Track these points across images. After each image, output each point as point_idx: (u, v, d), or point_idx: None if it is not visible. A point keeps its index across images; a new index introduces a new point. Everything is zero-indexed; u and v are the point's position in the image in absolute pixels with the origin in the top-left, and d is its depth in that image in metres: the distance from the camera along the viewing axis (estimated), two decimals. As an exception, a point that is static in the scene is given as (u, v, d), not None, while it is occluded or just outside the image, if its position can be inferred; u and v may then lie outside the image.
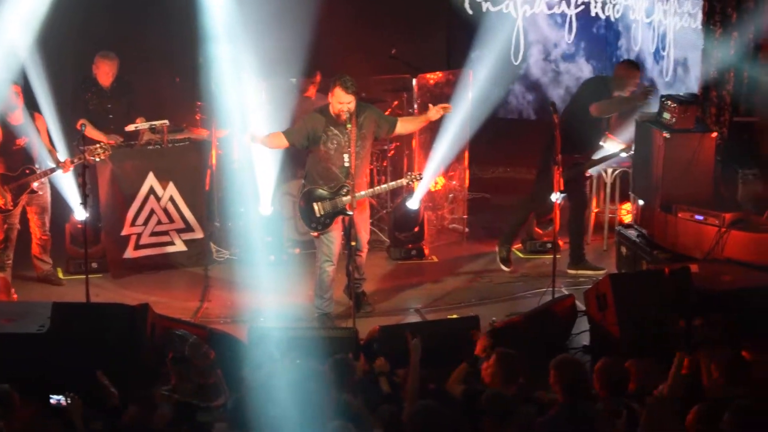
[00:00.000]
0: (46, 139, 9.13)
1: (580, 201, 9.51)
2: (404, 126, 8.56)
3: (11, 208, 8.93)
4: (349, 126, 8.01)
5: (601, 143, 9.54)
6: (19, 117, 8.90)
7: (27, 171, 8.95)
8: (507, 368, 6.01)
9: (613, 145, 9.57)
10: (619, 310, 7.41)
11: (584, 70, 12.03)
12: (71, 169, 8.96)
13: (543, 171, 9.39)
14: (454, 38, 12.31)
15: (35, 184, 8.99)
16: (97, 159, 8.88)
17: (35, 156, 9.03)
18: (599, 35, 12.05)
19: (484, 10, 11.90)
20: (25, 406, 5.67)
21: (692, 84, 10.60)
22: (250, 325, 7.60)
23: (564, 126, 8.54)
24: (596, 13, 11.96)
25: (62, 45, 10.20)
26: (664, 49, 11.43)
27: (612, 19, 11.98)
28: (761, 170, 9.21)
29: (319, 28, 10.58)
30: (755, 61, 9.69)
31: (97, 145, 8.88)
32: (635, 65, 9.62)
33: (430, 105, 8.44)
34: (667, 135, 8.83)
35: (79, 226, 9.03)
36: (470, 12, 11.92)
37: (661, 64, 11.49)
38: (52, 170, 8.94)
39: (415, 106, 10.43)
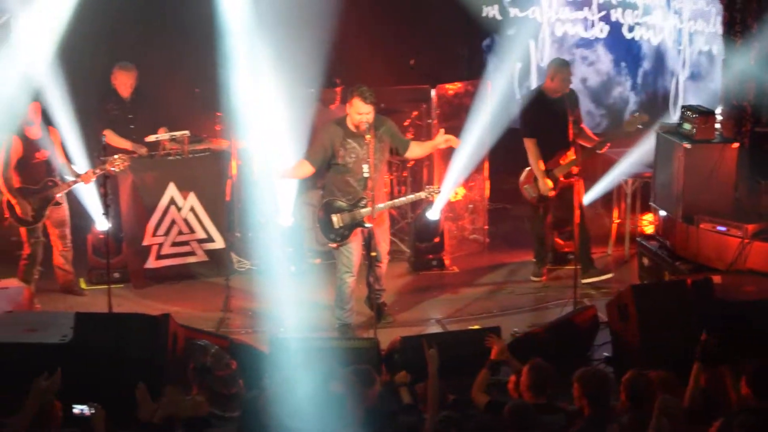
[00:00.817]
0: (61, 153, 9.14)
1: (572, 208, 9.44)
2: (413, 151, 8.58)
3: (32, 220, 8.96)
4: (368, 137, 8.02)
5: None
6: (37, 132, 8.94)
7: (50, 183, 8.99)
8: (538, 380, 5.97)
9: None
10: (640, 321, 7.38)
11: (603, 59, 11.88)
12: (93, 180, 8.99)
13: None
14: (473, 48, 12.28)
15: (58, 196, 9.03)
16: (117, 169, 8.90)
17: (55, 168, 9.07)
18: (618, 24, 11.86)
19: (511, 15, 11.83)
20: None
21: (717, 75, 10.52)
22: (271, 336, 7.61)
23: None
24: (617, 18, 11.86)
25: (83, 56, 10.24)
26: (680, 44, 11.39)
27: (632, 23, 11.87)
28: (783, 181, 9.16)
29: (338, 38, 10.58)
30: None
31: (116, 156, 8.89)
32: (564, 63, 9.47)
33: (442, 130, 8.59)
34: (687, 146, 8.80)
35: (101, 236, 9.08)
36: (499, 17, 11.86)
37: (683, 56, 11.42)
38: (74, 182, 8.97)
39: (434, 116, 10.44)
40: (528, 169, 9.33)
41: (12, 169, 8.90)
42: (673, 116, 11.19)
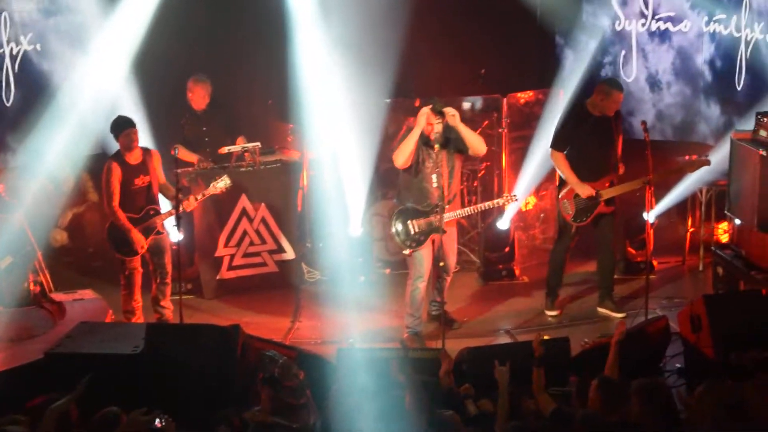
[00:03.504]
0: (161, 176, 8.84)
1: (603, 235, 9.01)
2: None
3: (133, 251, 8.65)
4: (437, 146, 8.05)
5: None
6: (137, 157, 8.65)
7: (151, 212, 8.67)
8: (607, 396, 5.85)
9: None
10: (714, 331, 7.24)
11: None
12: (194, 207, 8.87)
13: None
14: (544, 57, 12.19)
15: (160, 225, 8.73)
16: (220, 192, 8.88)
17: (155, 195, 8.76)
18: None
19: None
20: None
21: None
22: (339, 346, 7.64)
23: (568, 156, 8.78)
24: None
25: (157, 69, 10.41)
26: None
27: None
28: None
29: (409, 49, 10.61)
30: None
31: (218, 179, 8.80)
32: (616, 85, 8.93)
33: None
34: (763, 153, 8.62)
35: (174, 247, 9.16)
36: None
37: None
38: (176, 210, 8.51)
39: (504, 125, 10.40)
40: (567, 184, 8.85)
41: (119, 202, 8.59)
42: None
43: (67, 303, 8.65)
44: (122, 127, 8.62)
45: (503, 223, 9.97)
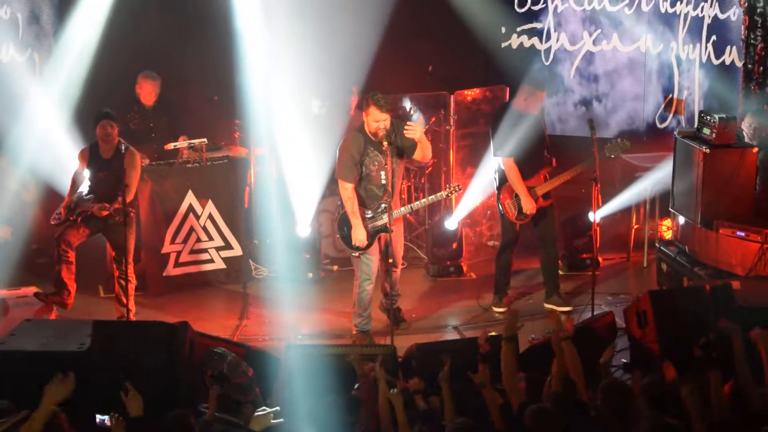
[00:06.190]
0: (128, 176, 8.56)
1: (546, 232, 9.10)
2: (418, 153, 8.38)
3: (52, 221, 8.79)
4: (385, 143, 8.04)
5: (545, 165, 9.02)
6: (108, 151, 8.75)
7: (87, 199, 8.71)
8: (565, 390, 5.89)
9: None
10: (659, 327, 7.33)
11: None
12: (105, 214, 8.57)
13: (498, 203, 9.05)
14: (491, 54, 12.26)
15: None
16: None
17: (113, 188, 8.59)
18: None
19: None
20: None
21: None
22: (287, 343, 7.62)
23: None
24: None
25: (105, 64, 10.32)
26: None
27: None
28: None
29: (356, 47, 10.60)
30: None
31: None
32: (541, 84, 9.03)
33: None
34: (706, 150, 8.75)
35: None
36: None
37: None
38: (90, 208, 8.57)
39: (452, 123, 10.44)
40: (506, 184, 8.87)
41: (74, 178, 8.84)
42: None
43: (9, 300, 8.55)
44: (98, 118, 8.74)
45: (451, 223, 10.00)
